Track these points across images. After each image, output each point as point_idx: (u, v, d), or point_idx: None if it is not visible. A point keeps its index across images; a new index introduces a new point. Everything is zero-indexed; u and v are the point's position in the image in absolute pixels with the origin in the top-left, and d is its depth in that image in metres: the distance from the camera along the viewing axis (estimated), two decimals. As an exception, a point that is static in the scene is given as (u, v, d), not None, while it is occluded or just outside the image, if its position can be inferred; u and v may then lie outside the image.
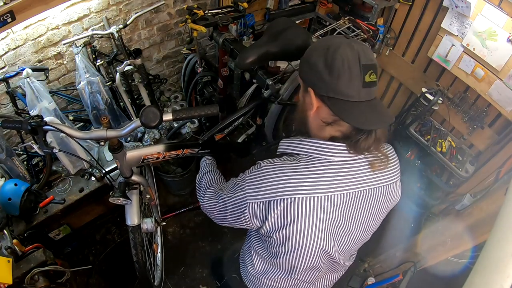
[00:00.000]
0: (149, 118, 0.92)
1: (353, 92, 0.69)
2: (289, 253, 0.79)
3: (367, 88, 0.69)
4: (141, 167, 1.62)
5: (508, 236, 0.71)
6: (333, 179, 0.75)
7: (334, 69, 0.69)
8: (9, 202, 1.52)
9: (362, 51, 0.69)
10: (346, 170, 0.76)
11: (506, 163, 1.72)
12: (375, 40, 2.10)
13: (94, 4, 1.90)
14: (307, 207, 0.73)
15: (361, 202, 0.79)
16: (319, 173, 0.74)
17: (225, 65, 1.89)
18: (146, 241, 1.60)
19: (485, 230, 1.35)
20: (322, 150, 0.76)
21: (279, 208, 0.74)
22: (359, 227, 0.83)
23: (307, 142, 0.78)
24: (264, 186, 0.76)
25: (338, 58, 0.68)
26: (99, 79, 1.91)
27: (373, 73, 0.70)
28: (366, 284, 2.01)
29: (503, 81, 1.63)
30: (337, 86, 0.69)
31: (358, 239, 0.86)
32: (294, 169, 0.75)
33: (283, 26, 1.52)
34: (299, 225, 0.74)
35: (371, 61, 0.70)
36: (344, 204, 0.77)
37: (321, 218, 0.75)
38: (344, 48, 0.69)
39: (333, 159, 0.75)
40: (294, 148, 0.80)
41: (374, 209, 0.83)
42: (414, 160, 2.17)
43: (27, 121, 0.94)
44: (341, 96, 0.70)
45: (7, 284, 1.28)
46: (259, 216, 0.78)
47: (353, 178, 0.76)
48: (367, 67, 0.69)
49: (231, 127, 1.69)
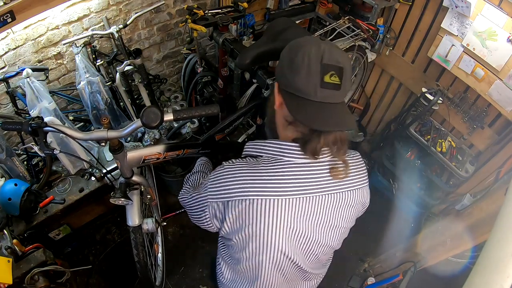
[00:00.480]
0: (150, 118, 0.92)
1: (309, 89, 0.67)
2: (250, 258, 0.78)
3: (326, 89, 0.67)
4: (142, 168, 1.62)
5: (508, 236, 0.72)
6: (293, 182, 0.73)
7: (294, 64, 0.68)
8: (9, 202, 1.52)
9: (329, 52, 0.68)
10: (307, 173, 0.75)
11: (506, 163, 1.72)
12: (375, 40, 2.10)
13: (94, 4, 1.90)
14: (265, 210, 0.72)
15: (322, 207, 0.77)
16: (279, 175, 0.73)
17: (225, 65, 1.89)
18: (147, 242, 1.60)
19: (485, 230, 1.35)
20: (284, 152, 0.75)
21: (237, 210, 0.74)
22: (323, 234, 0.81)
23: (270, 143, 0.78)
24: (224, 186, 0.76)
25: (300, 54, 0.68)
26: (99, 79, 1.91)
27: (336, 75, 0.67)
28: (366, 284, 2.01)
29: (503, 81, 1.63)
30: (295, 82, 0.68)
31: (324, 246, 0.83)
32: (254, 171, 0.74)
33: (283, 26, 1.52)
34: (257, 228, 0.74)
35: (336, 63, 0.67)
36: (304, 208, 0.75)
37: (279, 221, 0.74)
38: (310, 46, 0.69)
39: (294, 161, 0.74)
40: (258, 149, 0.79)
41: (338, 216, 0.81)
42: (414, 160, 2.18)
43: (27, 123, 0.94)
44: (297, 92, 0.69)
45: (7, 284, 1.28)
46: (218, 216, 0.78)
47: (313, 183, 0.75)
48: (328, 67, 0.67)
49: (231, 127, 1.69)
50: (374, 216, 2.43)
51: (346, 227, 0.85)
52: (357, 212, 0.86)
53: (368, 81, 2.55)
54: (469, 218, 1.50)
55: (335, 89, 0.68)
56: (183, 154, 1.39)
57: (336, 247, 0.88)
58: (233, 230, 0.77)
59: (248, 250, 0.77)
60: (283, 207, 0.73)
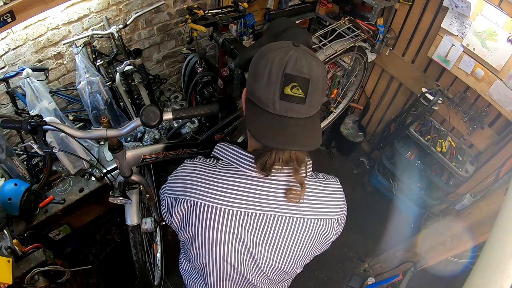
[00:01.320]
0: (150, 117, 0.92)
1: (268, 100, 0.61)
2: (197, 257, 0.77)
3: (286, 102, 0.60)
4: (141, 167, 1.62)
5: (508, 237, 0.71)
6: (243, 194, 0.70)
7: (256, 70, 0.62)
8: (9, 202, 1.52)
9: (295, 61, 0.59)
10: (260, 189, 0.70)
11: (506, 163, 1.72)
12: (375, 40, 2.10)
13: (94, 4, 1.90)
14: (208, 215, 0.70)
15: (271, 228, 0.73)
16: (230, 184, 0.70)
17: (225, 65, 1.89)
18: (146, 241, 1.60)
19: (485, 230, 1.35)
20: (241, 161, 0.72)
21: (183, 208, 0.73)
22: (271, 255, 0.76)
23: (231, 149, 0.75)
24: (177, 183, 0.75)
25: (264, 60, 0.61)
26: (99, 79, 1.91)
27: (298, 88, 0.60)
28: (366, 284, 2.01)
29: (503, 81, 1.63)
30: (255, 89, 0.63)
31: (274, 268, 0.78)
32: (207, 173, 0.72)
33: (283, 26, 1.52)
34: (199, 230, 0.72)
35: (301, 73, 0.59)
36: (251, 224, 0.72)
37: (222, 230, 0.71)
38: (277, 53, 0.61)
39: (249, 174, 0.70)
40: (221, 153, 0.77)
41: (290, 241, 0.75)
42: (414, 160, 2.18)
43: (27, 121, 0.95)
44: (257, 102, 0.63)
45: (7, 284, 1.27)
46: (170, 210, 0.77)
47: (265, 200, 0.71)
48: (291, 78, 0.59)
49: (231, 126, 1.69)
50: (374, 216, 2.44)
51: (301, 255, 0.78)
52: (319, 243, 0.79)
53: (368, 81, 2.55)
54: (469, 218, 1.50)
55: (298, 103, 0.61)
56: (182, 153, 1.39)
57: (290, 272, 0.82)
58: (181, 227, 0.76)
59: (194, 250, 0.76)
60: (227, 217, 0.70)
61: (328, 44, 1.70)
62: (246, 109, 0.68)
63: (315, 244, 0.78)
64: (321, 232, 0.77)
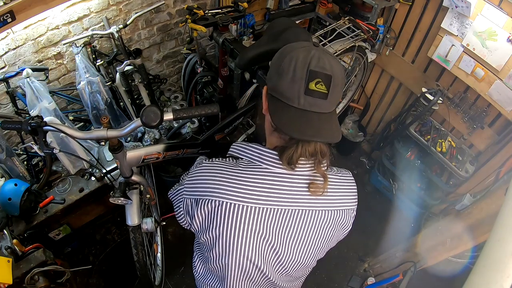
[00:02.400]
0: (150, 117, 0.92)
1: (293, 95, 0.64)
2: (217, 258, 0.77)
3: (310, 97, 0.64)
4: (141, 167, 1.62)
5: (508, 236, 0.72)
6: (267, 191, 0.71)
7: (280, 68, 0.66)
8: (9, 202, 1.52)
9: (317, 58, 0.64)
10: (283, 184, 0.71)
11: (506, 163, 1.72)
12: (375, 40, 2.10)
13: (94, 4, 1.90)
14: (232, 214, 0.70)
15: (295, 222, 0.74)
16: (253, 181, 0.71)
17: (225, 65, 1.89)
18: (146, 241, 1.60)
19: (485, 230, 1.35)
20: (263, 158, 0.72)
21: (206, 209, 0.72)
22: (294, 250, 0.77)
23: (252, 147, 0.75)
24: (198, 183, 0.74)
25: (288, 58, 0.65)
26: (99, 79, 1.91)
27: (322, 83, 0.63)
28: (366, 284, 2.01)
29: (503, 81, 1.63)
30: (279, 85, 0.66)
31: (295, 263, 0.80)
32: (230, 173, 0.72)
33: (283, 26, 1.52)
34: (223, 230, 0.72)
35: (324, 70, 0.63)
36: (275, 220, 0.73)
37: (247, 228, 0.71)
38: (299, 51, 0.65)
39: (272, 170, 0.71)
40: (240, 152, 0.77)
41: (312, 234, 0.77)
42: (414, 160, 2.18)
43: (27, 122, 0.94)
44: (281, 97, 0.66)
45: (7, 284, 1.27)
46: (190, 212, 0.76)
47: (289, 195, 0.72)
48: (315, 74, 0.63)
49: (231, 127, 1.69)
50: (374, 216, 2.44)
51: (321, 248, 0.81)
52: (337, 234, 0.82)
53: (368, 81, 2.55)
54: (469, 218, 1.50)
55: (321, 98, 0.64)
56: (183, 153, 1.39)
57: (309, 266, 0.84)
58: (202, 229, 0.76)
59: (215, 251, 0.76)
60: (252, 214, 0.71)
61: (328, 44, 1.70)
62: (269, 105, 0.69)
63: (334, 235, 0.81)
64: (340, 223, 0.80)
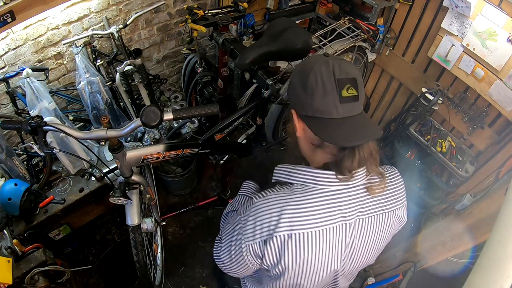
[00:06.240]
0: (150, 117, 0.92)
1: (330, 108, 0.66)
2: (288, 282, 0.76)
3: (346, 104, 0.66)
4: (141, 167, 1.62)
5: (508, 236, 0.71)
6: (329, 211, 0.71)
7: (307, 86, 0.67)
8: (9, 202, 1.52)
9: (338, 66, 0.67)
10: (344, 199, 0.72)
11: (506, 163, 1.72)
12: (375, 40, 2.10)
13: (94, 4, 1.90)
14: (303, 242, 0.70)
15: (361, 230, 0.75)
16: (316, 204, 0.71)
17: (225, 65, 1.89)
18: (146, 241, 1.60)
19: (485, 230, 1.35)
20: (317, 179, 0.72)
21: (276, 245, 0.71)
22: (361, 254, 0.79)
23: (301, 170, 0.74)
24: (259, 224, 0.72)
25: (312, 75, 0.67)
26: (99, 79, 1.91)
27: (352, 88, 0.66)
28: (366, 284, 2.00)
29: (503, 81, 1.63)
30: (313, 104, 0.67)
31: (361, 263, 0.82)
32: (289, 203, 0.71)
33: (283, 26, 1.52)
34: (294, 261, 0.71)
35: (348, 74, 0.67)
36: (342, 235, 0.73)
37: (319, 252, 0.72)
38: (319, 65, 0.67)
39: (329, 188, 0.72)
40: (289, 176, 0.76)
41: (376, 236, 0.79)
42: (414, 160, 2.17)
43: (27, 122, 0.94)
44: (318, 114, 0.67)
45: (7, 284, 1.27)
46: (259, 254, 0.74)
47: (351, 207, 0.73)
48: (343, 82, 0.66)
49: (231, 127, 1.69)
50: (374, 216, 2.44)
51: (384, 244, 0.84)
52: (396, 229, 0.85)
53: (368, 81, 2.55)
54: (469, 218, 1.50)
55: (354, 101, 0.67)
56: (183, 153, 1.39)
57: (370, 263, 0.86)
58: (273, 264, 0.74)
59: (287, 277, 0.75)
60: (321, 238, 0.71)
61: (328, 44, 1.70)
62: (309, 125, 0.69)
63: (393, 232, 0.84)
64: (398, 219, 0.83)
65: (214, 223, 2.30)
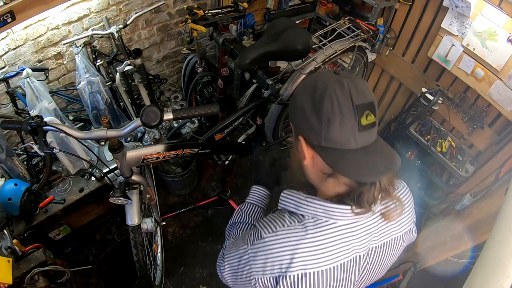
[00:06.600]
0: (150, 117, 0.92)
1: (348, 138, 0.60)
2: None
3: (364, 132, 0.60)
4: (141, 167, 1.62)
5: (508, 236, 0.71)
6: (345, 245, 0.67)
7: (322, 114, 0.59)
8: (9, 202, 1.52)
9: (355, 89, 0.60)
10: (359, 231, 0.68)
11: (506, 163, 1.72)
12: (375, 40, 2.10)
13: (94, 4, 1.90)
14: (317, 279, 0.66)
15: (374, 257, 0.73)
16: (330, 241, 0.66)
17: (225, 65, 1.89)
18: (146, 241, 1.60)
19: (485, 230, 1.35)
20: (330, 213, 0.67)
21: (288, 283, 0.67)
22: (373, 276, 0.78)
23: (312, 203, 0.68)
24: (270, 262, 0.67)
25: (327, 100, 0.59)
26: (99, 79, 1.91)
27: (371, 114, 0.60)
28: (366, 284, 2.00)
29: (503, 81, 1.63)
30: (328, 134, 0.60)
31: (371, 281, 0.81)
32: (302, 241, 0.66)
33: (283, 26, 1.52)
34: None
35: (367, 98, 0.60)
36: (358, 265, 0.71)
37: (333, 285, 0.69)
38: (333, 87, 0.59)
39: (343, 222, 0.67)
40: (298, 207, 0.70)
41: (388, 258, 0.77)
42: (414, 160, 2.17)
43: (27, 122, 0.94)
44: (334, 145, 0.61)
45: (7, 284, 1.28)
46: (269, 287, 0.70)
47: (365, 237, 0.69)
48: (362, 108, 0.59)
49: (231, 127, 1.69)
50: (374, 216, 2.44)
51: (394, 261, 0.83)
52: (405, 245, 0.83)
53: (368, 81, 2.55)
54: (469, 218, 1.50)
55: (373, 127, 0.62)
56: (183, 153, 1.39)
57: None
58: None
59: None
60: (336, 272, 0.68)
61: (328, 44, 1.70)
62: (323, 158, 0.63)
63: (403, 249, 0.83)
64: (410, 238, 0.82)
65: (214, 223, 2.30)
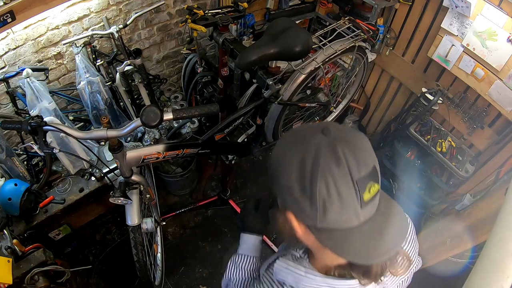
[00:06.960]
0: (150, 117, 0.93)
1: (349, 217, 0.51)
2: None
3: (368, 206, 0.51)
4: (141, 167, 1.62)
5: (508, 236, 0.71)
6: None
7: (316, 199, 0.49)
8: (9, 202, 1.52)
9: (353, 158, 0.49)
10: None
11: (506, 163, 1.72)
12: (375, 40, 2.10)
13: (94, 4, 1.90)
14: None
15: None
16: None
17: (225, 65, 1.89)
18: (146, 241, 1.60)
19: (485, 230, 1.35)
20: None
21: None
22: None
23: (315, 281, 0.61)
24: None
25: (320, 181, 0.48)
26: (99, 79, 1.91)
27: (373, 182, 0.51)
28: (366, 284, 2.00)
29: (503, 81, 1.63)
30: (325, 218, 0.50)
31: None
32: None
33: (283, 26, 1.52)
34: None
35: (368, 166, 0.51)
36: None
37: None
38: (327, 162, 0.49)
39: None
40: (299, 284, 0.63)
41: None
42: (414, 160, 2.17)
43: (27, 122, 0.94)
44: (332, 225, 0.51)
45: (7, 284, 1.28)
46: None
47: None
48: (364, 181, 0.49)
49: (231, 127, 1.69)
50: (374, 216, 2.44)
51: None
52: None
53: (368, 81, 2.55)
54: (469, 218, 1.50)
55: (376, 196, 0.53)
56: (183, 153, 1.39)
57: None
58: None
59: None
60: None
61: (328, 44, 1.70)
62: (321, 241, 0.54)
63: None
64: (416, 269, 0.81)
65: (214, 223, 2.30)
